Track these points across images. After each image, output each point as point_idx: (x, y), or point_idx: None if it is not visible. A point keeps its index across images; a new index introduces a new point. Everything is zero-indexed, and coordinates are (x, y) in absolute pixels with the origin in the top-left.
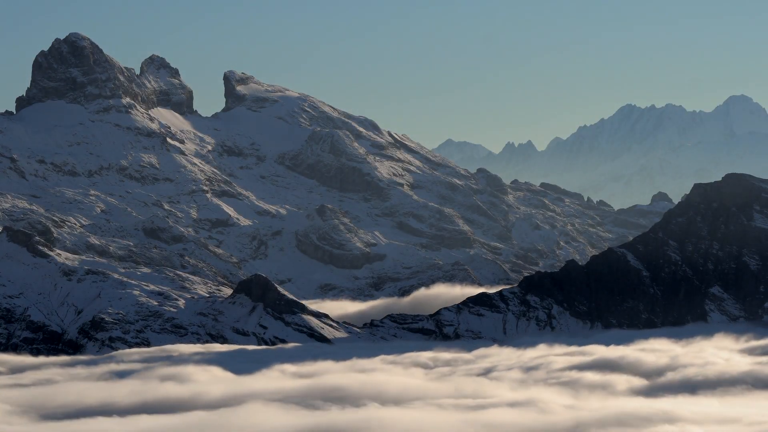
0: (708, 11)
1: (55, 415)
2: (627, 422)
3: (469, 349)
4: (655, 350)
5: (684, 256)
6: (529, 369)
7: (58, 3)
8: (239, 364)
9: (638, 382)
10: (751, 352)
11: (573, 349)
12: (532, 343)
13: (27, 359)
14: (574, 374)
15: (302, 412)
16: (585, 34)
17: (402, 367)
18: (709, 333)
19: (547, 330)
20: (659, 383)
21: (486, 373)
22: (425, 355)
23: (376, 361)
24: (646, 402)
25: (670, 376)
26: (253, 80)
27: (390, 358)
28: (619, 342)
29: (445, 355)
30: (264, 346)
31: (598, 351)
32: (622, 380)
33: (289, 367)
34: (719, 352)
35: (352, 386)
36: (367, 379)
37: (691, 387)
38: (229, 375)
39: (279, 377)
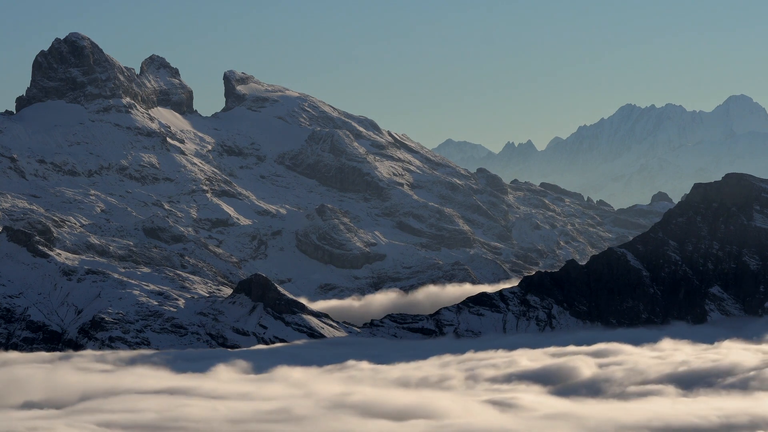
0: (708, 11)
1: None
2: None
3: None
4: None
5: (684, 256)
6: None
7: (58, 3)
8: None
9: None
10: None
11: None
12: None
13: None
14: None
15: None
16: (585, 34)
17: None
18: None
19: (548, 330)
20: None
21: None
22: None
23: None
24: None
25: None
26: (253, 80)
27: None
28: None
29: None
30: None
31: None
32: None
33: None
34: (673, 354)
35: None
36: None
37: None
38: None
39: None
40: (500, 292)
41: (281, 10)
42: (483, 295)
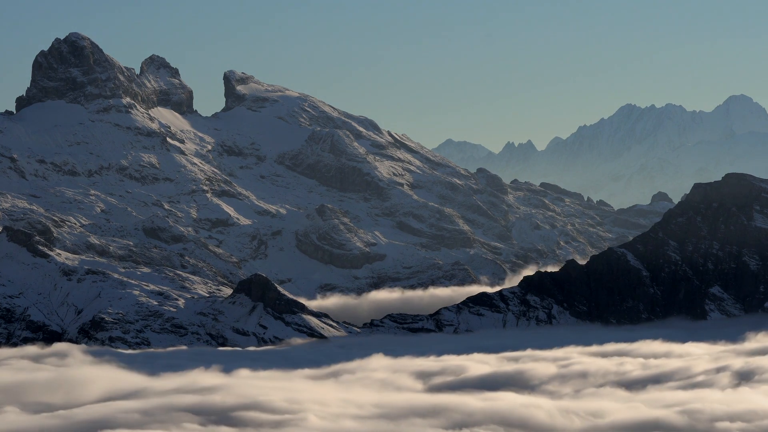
0: (708, 11)
1: None
2: None
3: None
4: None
5: (684, 256)
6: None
7: (58, 3)
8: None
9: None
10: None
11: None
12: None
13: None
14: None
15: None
16: (585, 34)
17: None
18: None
19: (548, 328)
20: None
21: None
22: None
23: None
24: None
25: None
26: (253, 80)
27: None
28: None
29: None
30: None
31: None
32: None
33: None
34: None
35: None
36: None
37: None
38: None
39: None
40: (500, 292)
41: (281, 11)
42: (483, 295)
